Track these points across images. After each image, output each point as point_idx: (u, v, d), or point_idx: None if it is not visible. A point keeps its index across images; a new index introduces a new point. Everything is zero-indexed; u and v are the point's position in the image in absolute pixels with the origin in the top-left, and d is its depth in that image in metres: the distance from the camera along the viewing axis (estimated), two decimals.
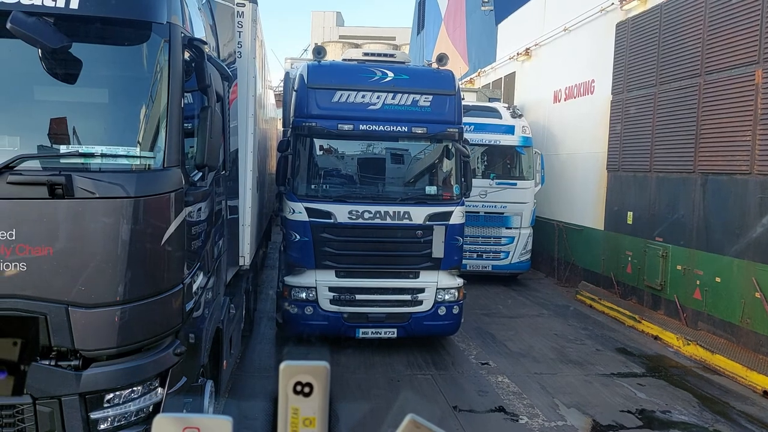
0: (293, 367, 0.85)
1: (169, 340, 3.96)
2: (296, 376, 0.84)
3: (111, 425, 3.71)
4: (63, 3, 3.57)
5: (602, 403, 6.97)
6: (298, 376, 0.84)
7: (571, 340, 9.50)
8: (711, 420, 6.61)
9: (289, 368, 0.84)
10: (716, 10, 9.32)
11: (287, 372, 0.84)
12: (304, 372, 0.84)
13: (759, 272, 8.35)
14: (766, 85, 8.31)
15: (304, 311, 8.08)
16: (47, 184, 3.49)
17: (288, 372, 0.84)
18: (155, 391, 3.86)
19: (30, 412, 3.57)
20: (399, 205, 8.15)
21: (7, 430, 3.59)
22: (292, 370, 0.84)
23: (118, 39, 3.88)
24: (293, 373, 0.84)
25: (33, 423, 3.58)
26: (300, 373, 0.84)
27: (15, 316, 3.51)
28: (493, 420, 6.41)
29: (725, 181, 9.10)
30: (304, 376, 0.84)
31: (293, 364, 0.85)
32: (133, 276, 3.68)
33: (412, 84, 8.30)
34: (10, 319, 3.53)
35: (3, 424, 3.57)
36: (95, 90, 3.95)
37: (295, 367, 0.85)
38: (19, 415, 3.58)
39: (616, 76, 12.24)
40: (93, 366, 3.65)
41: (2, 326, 3.54)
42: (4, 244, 3.47)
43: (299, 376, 0.84)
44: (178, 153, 3.91)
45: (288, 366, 0.85)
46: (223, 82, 4.91)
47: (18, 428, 3.58)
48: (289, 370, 0.84)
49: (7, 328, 3.53)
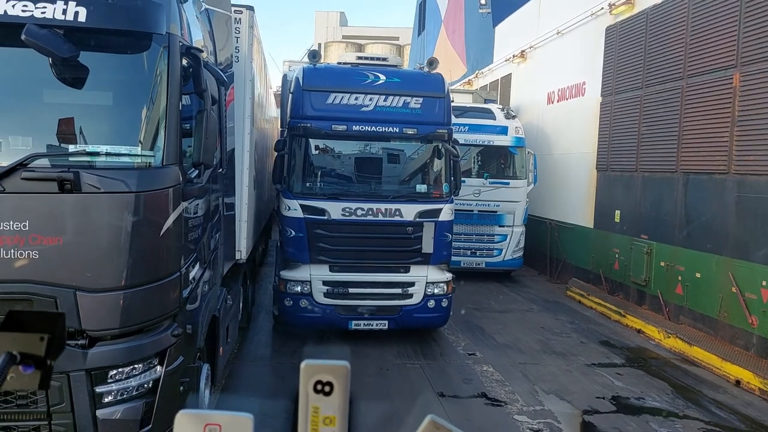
0: (314, 366, 0.84)
1: (167, 322, 4.33)
2: (317, 375, 0.84)
3: (114, 398, 4.09)
4: (72, 16, 3.96)
5: (580, 390, 7.33)
6: (318, 375, 0.84)
7: (557, 333, 9.85)
8: (682, 406, 6.97)
9: (309, 367, 0.84)
10: (698, 15, 9.66)
11: (308, 371, 0.84)
12: (324, 371, 0.84)
13: (735, 268, 8.69)
14: (743, 89, 8.65)
15: (299, 304, 8.46)
16: (57, 180, 3.87)
17: (308, 371, 0.84)
18: (154, 369, 4.24)
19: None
20: (390, 203, 8.50)
21: (20, 402, 3.97)
22: (313, 369, 0.84)
23: (122, 48, 4.26)
24: (314, 372, 0.84)
25: (44, 396, 3.97)
26: (320, 373, 0.84)
27: (27, 299, 3.90)
28: (475, 405, 6.78)
29: (705, 180, 9.44)
30: (324, 375, 0.84)
31: (314, 363, 0.84)
32: (135, 264, 4.06)
33: (404, 87, 8.67)
34: (22, 302, 3.92)
35: (17, 396, 3.96)
36: (100, 94, 4.33)
37: (316, 366, 0.84)
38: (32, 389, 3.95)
39: (606, 78, 12.58)
40: (98, 345, 4.03)
41: (15, 306, 3.94)
42: (18, 234, 3.86)
43: (320, 375, 0.84)
44: (176, 152, 4.29)
45: (308, 365, 0.84)
46: (219, 86, 5.28)
47: (30, 400, 3.97)
48: (310, 369, 0.84)
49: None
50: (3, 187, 3.84)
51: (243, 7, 7.24)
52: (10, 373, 1.00)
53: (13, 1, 3.93)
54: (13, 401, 3.96)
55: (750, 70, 8.54)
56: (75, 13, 3.96)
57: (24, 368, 1.01)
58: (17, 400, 3.96)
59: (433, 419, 0.84)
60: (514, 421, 6.36)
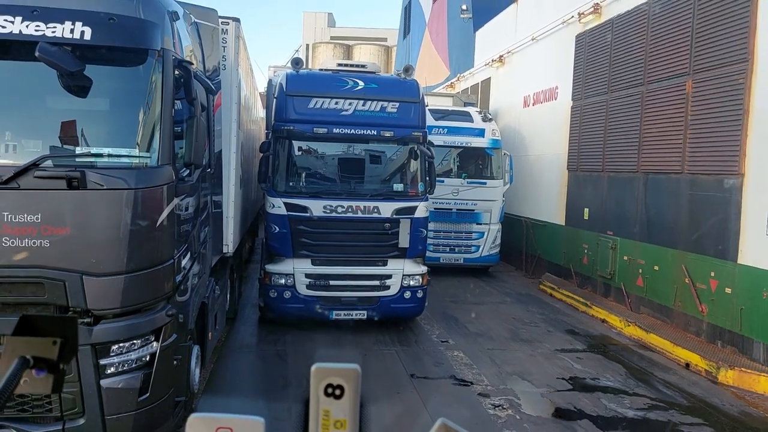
0: (324, 369, 0.84)
1: (162, 304, 4.91)
2: (327, 379, 0.83)
3: (116, 370, 4.66)
4: (79, 35, 4.52)
5: (541, 372, 7.97)
6: (329, 379, 0.83)
7: (527, 323, 10.51)
8: (633, 385, 7.63)
9: (320, 370, 0.84)
10: (656, 26, 10.36)
11: (318, 374, 0.84)
12: (335, 374, 0.84)
13: (688, 260, 9.39)
14: (695, 94, 9.35)
15: (283, 295, 9.03)
16: (66, 178, 4.44)
17: (319, 374, 0.84)
18: (151, 344, 4.81)
19: None
20: (369, 201, 9.10)
21: None
22: (324, 373, 0.84)
23: (122, 62, 4.84)
24: (324, 375, 0.84)
25: None
26: (331, 376, 0.83)
27: (40, 281, 4.46)
28: (443, 384, 7.40)
29: (662, 179, 10.14)
30: (335, 379, 0.83)
31: (324, 367, 0.84)
32: (133, 252, 4.63)
33: (381, 92, 9.27)
34: (36, 285, 4.48)
35: None
36: (102, 102, 4.91)
37: (326, 369, 0.84)
38: None
39: (576, 83, 13.27)
40: (101, 322, 4.59)
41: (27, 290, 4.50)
42: (32, 226, 4.42)
43: (330, 379, 0.83)
44: (169, 153, 4.87)
45: (319, 368, 0.84)
46: (208, 94, 5.86)
47: None
48: (321, 373, 0.84)
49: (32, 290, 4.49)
50: (18, 184, 4.40)
51: (230, 19, 7.80)
52: (23, 377, 1.02)
53: (27, 21, 4.49)
54: None
55: (701, 77, 9.24)
56: (81, 32, 4.52)
57: (37, 372, 1.03)
58: None
59: (444, 422, 0.82)
60: (478, 398, 6.99)
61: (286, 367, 7.82)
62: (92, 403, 4.58)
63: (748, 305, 8.21)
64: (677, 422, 6.56)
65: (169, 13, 5.14)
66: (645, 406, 6.99)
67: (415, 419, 6.35)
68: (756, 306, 8.07)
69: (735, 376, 7.78)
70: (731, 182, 8.57)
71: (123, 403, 4.65)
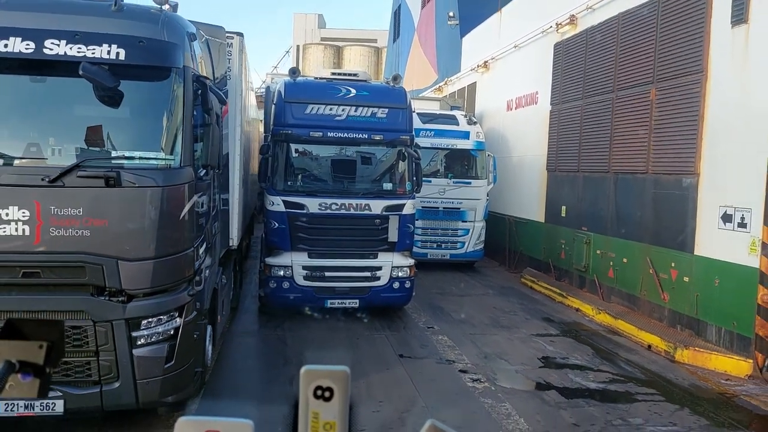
0: (313, 371, 0.84)
1: (184, 285, 5.71)
2: (316, 381, 0.83)
3: (146, 341, 5.44)
4: (114, 55, 5.31)
5: (517, 352, 8.83)
6: (318, 381, 0.83)
7: (507, 312, 11.37)
8: (598, 363, 8.51)
9: (309, 373, 0.83)
10: (625, 37, 11.27)
11: (308, 376, 0.83)
12: (324, 376, 0.83)
13: (652, 253, 10.29)
14: (658, 101, 10.25)
15: (282, 286, 9.83)
16: (104, 177, 5.22)
17: (308, 376, 0.83)
18: (175, 320, 5.61)
19: (92, 331, 5.30)
20: (361, 198, 9.92)
21: (75, 342, 5.31)
22: (313, 375, 0.83)
23: (149, 78, 5.63)
24: (313, 377, 0.83)
25: (94, 338, 5.31)
26: (320, 378, 0.83)
27: (82, 265, 5.24)
28: (428, 363, 8.24)
29: (630, 179, 11.04)
30: (324, 381, 0.83)
31: (314, 369, 0.84)
32: (160, 240, 5.42)
33: (371, 99, 10.09)
34: (78, 268, 5.26)
35: (73, 337, 5.29)
36: (133, 112, 5.69)
37: (316, 371, 0.84)
38: (85, 333, 5.30)
39: (554, 89, 14.17)
40: (134, 300, 5.38)
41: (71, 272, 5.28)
42: (75, 218, 5.20)
43: (319, 381, 0.83)
44: (190, 156, 5.67)
45: (308, 370, 0.84)
46: (220, 104, 6.65)
47: (84, 341, 5.31)
48: (310, 375, 0.83)
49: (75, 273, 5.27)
50: (63, 182, 5.18)
51: (234, 34, 8.60)
52: (9, 381, 0.99)
53: (71, 44, 5.27)
54: (69, 341, 5.29)
55: (663, 86, 10.14)
56: (117, 53, 5.31)
57: (23, 376, 1.01)
58: (73, 341, 5.30)
59: (434, 423, 0.82)
60: (459, 374, 7.84)
61: (286, 348, 8.62)
62: (126, 369, 5.36)
63: (703, 292, 9.11)
64: (633, 392, 7.43)
65: (188, 34, 5.94)
66: (607, 380, 7.86)
67: (402, 389, 7.17)
68: (709, 292, 8.98)
69: (690, 354, 8.68)
70: (688, 181, 9.48)
71: (152, 370, 5.44)
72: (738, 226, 8.44)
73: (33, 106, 5.63)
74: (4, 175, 5.16)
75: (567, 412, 6.75)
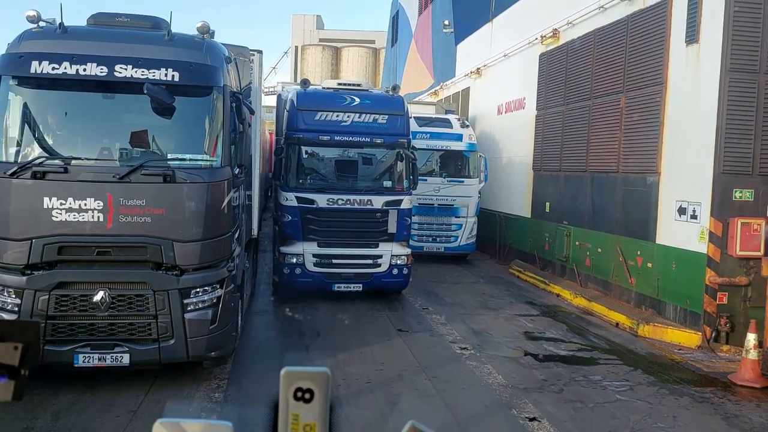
0: (294, 373, 0.83)
1: (224, 263, 7.01)
2: (297, 382, 0.83)
3: (195, 307, 6.74)
4: (171, 77, 6.61)
5: (501, 329, 10.16)
6: (298, 382, 0.83)
7: (494, 297, 12.70)
8: (570, 336, 9.83)
9: (289, 374, 0.83)
10: (600, 51, 12.60)
11: (288, 378, 0.83)
12: (304, 378, 0.83)
13: (622, 243, 11.63)
14: (627, 109, 11.58)
15: (295, 272, 11.14)
16: (162, 175, 6.53)
17: (288, 378, 0.83)
18: (217, 290, 6.91)
19: (152, 299, 6.60)
20: (364, 194, 11.22)
21: (138, 307, 6.60)
22: (293, 377, 0.83)
23: (197, 94, 6.93)
24: (294, 379, 0.83)
25: (153, 304, 6.60)
26: (301, 379, 0.83)
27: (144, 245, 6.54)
28: (423, 336, 9.55)
29: (604, 178, 12.38)
30: (304, 382, 0.83)
31: (294, 370, 0.84)
32: (206, 226, 6.72)
33: (373, 107, 11.41)
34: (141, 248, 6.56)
35: (137, 304, 6.59)
36: (184, 122, 7.00)
37: (296, 373, 0.83)
38: (147, 300, 6.60)
39: (539, 95, 15.49)
40: (185, 274, 6.68)
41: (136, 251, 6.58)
42: (139, 207, 6.50)
43: (300, 382, 0.83)
44: (228, 157, 6.97)
45: (288, 372, 0.83)
46: (250, 114, 7.96)
47: (146, 307, 6.60)
48: (290, 377, 0.83)
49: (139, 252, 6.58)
50: (130, 179, 6.49)
51: (255, 52, 9.91)
52: None
53: (135, 68, 6.57)
54: (134, 307, 6.59)
55: (631, 95, 11.48)
56: (172, 75, 6.62)
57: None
58: (137, 307, 6.59)
59: (414, 425, 0.82)
60: (449, 344, 9.15)
61: (300, 323, 9.93)
62: (179, 329, 6.66)
63: (663, 276, 10.44)
64: (597, 358, 8.76)
65: (225, 57, 7.26)
66: (576, 349, 9.19)
67: (400, 355, 8.49)
68: (668, 276, 10.31)
69: (650, 329, 10.01)
70: (651, 179, 10.81)
71: (199, 330, 6.74)
72: (690, 217, 9.78)
73: (105, 118, 6.95)
74: (83, 173, 6.47)
75: (539, 371, 8.07)
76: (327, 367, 0.85)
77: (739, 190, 9.27)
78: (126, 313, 6.59)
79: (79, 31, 6.92)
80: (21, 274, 6.38)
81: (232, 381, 7.18)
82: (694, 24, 9.82)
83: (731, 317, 9.24)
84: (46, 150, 6.66)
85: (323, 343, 8.95)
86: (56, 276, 6.43)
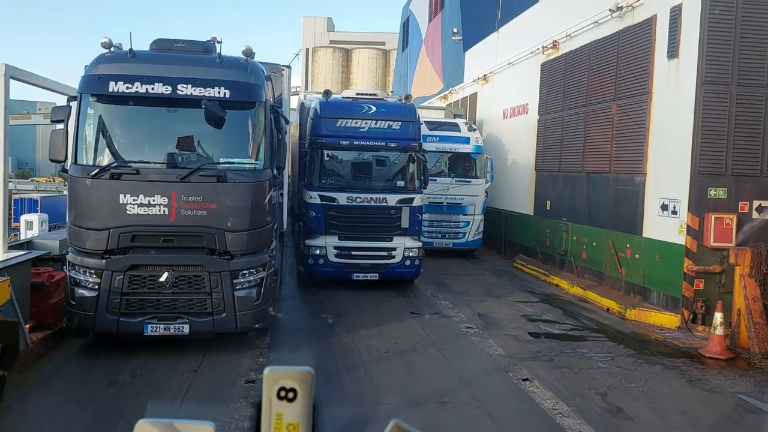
0: (277, 372, 0.83)
1: (266, 249, 8.34)
2: (280, 382, 0.83)
3: (242, 287, 8.06)
4: (223, 94, 7.93)
5: (503, 312, 11.41)
6: (281, 382, 0.83)
7: (498, 287, 13.95)
8: (564, 319, 11.07)
9: (272, 374, 0.83)
10: (594, 62, 13.81)
11: (271, 378, 0.83)
12: (288, 377, 0.83)
13: (613, 237, 12.84)
14: (618, 115, 12.79)
15: (318, 262, 12.46)
16: (215, 176, 7.86)
17: (272, 378, 0.83)
18: (260, 273, 8.23)
19: (208, 279, 7.93)
20: (379, 193, 12.52)
21: (196, 285, 7.93)
22: (276, 376, 0.83)
23: (243, 108, 8.25)
24: (277, 378, 0.83)
25: (209, 283, 7.93)
26: (284, 379, 0.83)
27: (201, 234, 7.86)
28: (432, 318, 10.83)
29: (598, 178, 13.59)
30: (288, 382, 0.83)
31: (277, 370, 0.84)
32: (252, 218, 8.05)
33: (388, 114, 12.71)
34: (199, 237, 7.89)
35: (195, 283, 7.91)
36: (233, 132, 8.33)
37: (279, 372, 0.83)
38: (203, 280, 7.93)
39: (541, 101, 16.72)
40: (235, 258, 8.01)
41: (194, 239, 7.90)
42: (197, 202, 7.83)
43: (283, 382, 0.83)
44: (270, 161, 8.30)
45: (272, 371, 0.84)
46: (286, 123, 9.28)
47: (203, 285, 7.93)
48: (273, 376, 0.83)
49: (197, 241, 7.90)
50: (190, 179, 7.82)
51: (285, 67, 11.24)
52: None
53: (193, 87, 7.90)
54: (192, 285, 7.92)
55: (621, 103, 12.69)
56: (224, 93, 7.94)
57: None
58: (196, 285, 7.92)
59: (398, 423, 0.83)
60: (456, 324, 10.42)
61: (323, 306, 11.23)
62: (230, 304, 7.98)
63: (649, 265, 11.65)
64: (586, 336, 10.00)
65: (265, 76, 8.58)
66: (568, 328, 10.43)
67: (413, 332, 9.77)
68: (653, 265, 11.52)
69: (636, 313, 11.22)
70: (639, 179, 12.02)
71: (246, 305, 8.06)
72: (671, 213, 10.98)
73: (168, 128, 8.30)
74: (152, 174, 7.82)
75: (533, 345, 9.33)
76: (311, 367, 0.86)
77: (714, 189, 10.46)
78: (186, 291, 7.93)
79: (145, 55, 8.27)
80: (101, 258, 7.74)
81: (272, 349, 8.49)
82: (674, 40, 11.03)
83: (706, 301, 10.42)
84: (120, 155, 8.03)
85: (346, 322, 10.24)
86: (129, 259, 7.78)
